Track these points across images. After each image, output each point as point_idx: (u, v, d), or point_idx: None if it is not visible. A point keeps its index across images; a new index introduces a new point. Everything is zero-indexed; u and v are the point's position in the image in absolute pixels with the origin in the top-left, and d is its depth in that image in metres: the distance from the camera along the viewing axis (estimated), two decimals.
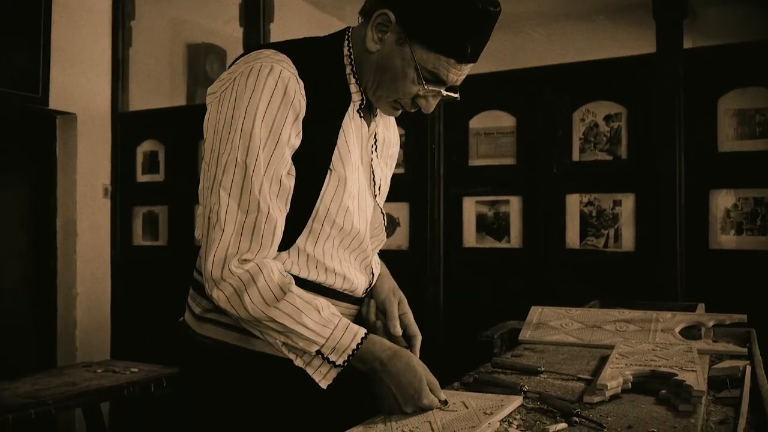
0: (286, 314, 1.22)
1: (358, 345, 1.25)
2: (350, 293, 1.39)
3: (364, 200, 1.36)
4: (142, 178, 4.49)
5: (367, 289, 1.44)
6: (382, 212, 1.46)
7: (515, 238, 3.39)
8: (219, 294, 1.23)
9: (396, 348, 1.28)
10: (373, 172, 1.40)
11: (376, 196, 1.42)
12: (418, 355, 1.38)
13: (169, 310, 4.30)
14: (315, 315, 1.23)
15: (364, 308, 1.44)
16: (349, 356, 1.25)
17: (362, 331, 1.26)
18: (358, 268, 1.40)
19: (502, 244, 3.41)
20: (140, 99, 4.63)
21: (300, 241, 1.30)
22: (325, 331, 1.23)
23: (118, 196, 4.53)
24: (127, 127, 4.53)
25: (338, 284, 1.36)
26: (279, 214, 1.24)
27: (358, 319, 1.44)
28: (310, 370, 1.25)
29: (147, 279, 4.44)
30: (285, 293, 1.22)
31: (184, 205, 4.30)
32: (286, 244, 1.28)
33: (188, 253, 4.25)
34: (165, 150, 4.41)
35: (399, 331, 1.39)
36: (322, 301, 1.26)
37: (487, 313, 3.10)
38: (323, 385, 1.26)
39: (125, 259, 4.53)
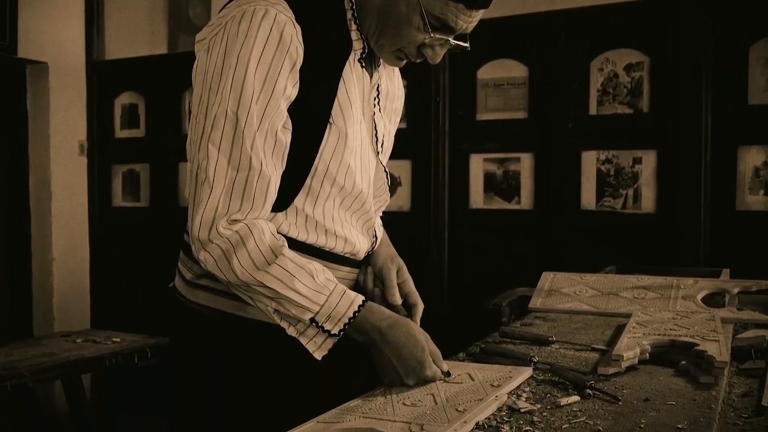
0: (276, 279, 1.21)
1: (354, 313, 1.25)
2: (351, 257, 1.40)
3: (366, 157, 1.36)
4: (120, 133, 4.47)
5: (369, 251, 1.44)
6: (385, 171, 1.45)
7: (526, 198, 3.39)
8: (206, 256, 1.23)
9: (396, 316, 1.28)
10: (375, 127, 1.39)
11: (378, 153, 1.42)
12: (419, 324, 1.39)
13: (153, 276, 4.34)
14: (308, 280, 1.23)
15: (361, 276, 1.44)
16: (345, 325, 1.24)
17: (359, 298, 1.27)
18: (359, 230, 1.40)
19: (512, 206, 3.41)
20: (117, 46, 4.58)
21: (298, 201, 1.29)
22: (320, 297, 1.23)
23: (95, 154, 4.52)
24: (104, 77, 4.49)
25: (339, 247, 1.36)
26: (273, 171, 1.23)
27: (357, 287, 1.45)
28: (303, 340, 1.25)
29: (128, 243, 4.46)
30: (276, 256, 1.22)
31: (167, 162, 4.29)
32: (282, 204, 1.28)
33: (172, 214, 4.26)
34: (145, 102, 4.38)
35: (398, 299, 1.40)
36: (316, 266, 1.26)
37: (495, 280, 3.12)
38: (318, 356, 1.26)
39: (104, 222, 4.54)
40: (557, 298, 2.01)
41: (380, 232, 1.50)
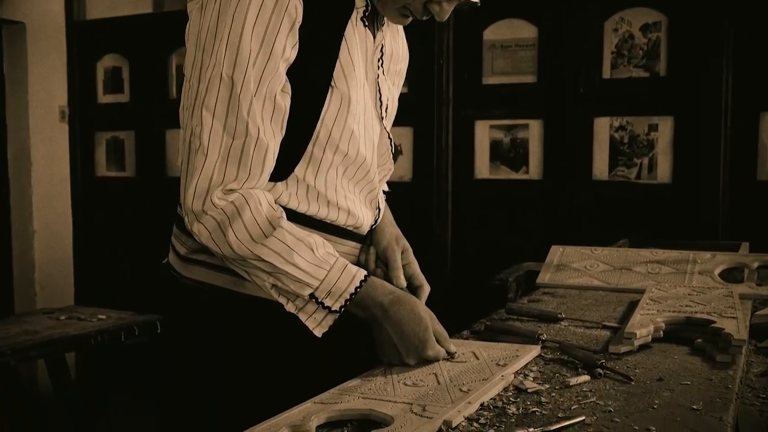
0: (274, 252, 1.21)
1: (356, 288, 1.25)
2: (355, 230, 1.39)
3: (369, 123, 1.35)
4: (104, 98, 4.45)
5: (372, 226, 1.44)
6: (389, 137, 1.45)
7: (535, 168, 3.38)
8: (200, 228, 1.22)
9: (400, 293, 1.29)
10: (379, 90, 1.38)
11: (383, 118, 1.41)
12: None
13: (140, 249, 4.36)
14: (308, 254, 1.23)
15: (362, 255, 1.44)
16: (346, 301, 1.24)
17: (361, 272, 1.27)
18: (363, 202, 1.40)
19: (520, 175, 3.41)
20: (99, 6, 4.54)
21: (299, 170, 1.29)
22: (320, 272, 1.23)
23: (77, 120, 4.50)
24: (85, 38, 4.45)
25: (341, 220, 1.36)
26: (272, 138, 1.23)
27: (358, 266, 1.45)
28: (303, 316, 1.25)
29: (113, 215, 4.46)
30: (274, 228, 1.22)
31: (153, 129, 4.28)
32: (282, 173, 1.28)
33: (160, 184, 4.26)
34: (130, 66, 4.36)
35: (403, 282, 1.39)
36: (316, 239, 1.26)
37: (501, 254, 3.13)
38: (318, 333, 1.25)
39: (88, 193, 4.53)
40: (567, 273, 2.01)
41: (384, 204, 1.49)
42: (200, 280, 1.33)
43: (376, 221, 1.45)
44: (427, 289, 1.41)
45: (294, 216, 1.29)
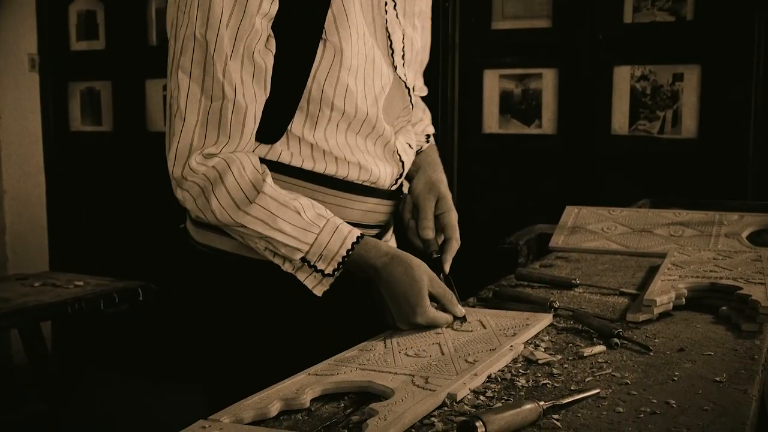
0: (258, 220, 1.25)
1: (348, 251, 1.29)
2: (373, 185, 1.42)
3: (371, 75, 1.36)
4: (77, 45, 4.41)
5: (397, 180, 1.47)
6: (405, 85, 1.45)
7: (548, 121, 3.37)
8: (185, 195, 1.27)
9: (396, 253, 1.31)
10: (390, 37, 1.39)
11: (396, 67, 1.41)
12: (448, 264, 1.41)
13: (119, 210, 4.36)
14: (294, 218, 1.26)
15: (401, 204, 1.49)
16: (339, 264, 1.29)
17: (354, 233, 1.30)
18: (379, 156, 1.42)
19: (532, 130, 3.40)
20: None
21: (296, 128, 1.32)
22: (308, 236, 1.27)
23: (48, 70, 4.47)
24: None
25: (354, 175, 1.38)
26: (252, 100, 1.26)
27: (395, 218, 1.50)
28: (301, 276, 1.31)
29: (89, 173, 4.45)
30: (258, 193, 1.26)
31: (131, 79, 4.25)
32: (275, 133, 1.32)
33: (139, 139, 4.25)
34: (105, 9, 4.31)
35: (430, 233, 1.42)
36: (303, 201, 1.29)
37: (511, 215, 3.13)
38: (317, 292, 1.31)
39: (62, 149, 4.52)
40: (582, 236, 2.02)
41: (409, 156, 1.50)
42: (210, 245, 1.38)
43: (401, 175, 1.48)
44: (455, 244, 1.42)
45: (301, 174, 1.33)
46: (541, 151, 3.35)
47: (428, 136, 1.63)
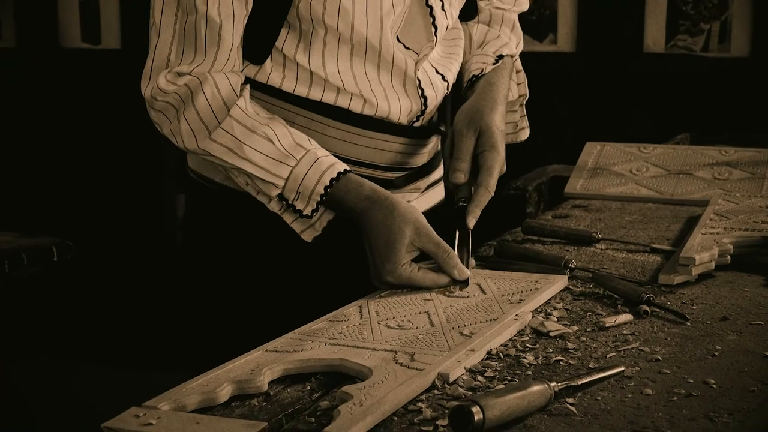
0: (223, 147, 1.34)
1: (326, 188, 1.34)
2: (384, 119, 1.46)
3: None
4: None
5: (419, 116, 1.50)
6: (428, 5, 1.45)
7: (565, 36, 3.36)
8: (159, 117, 1.39)
9: (380, 196, 1.34)
10: None
11: None
12: (473, 217, 1.39)
13: (27, 145, 4.31)
14: (265, 146, 1.33)
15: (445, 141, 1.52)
16: (317, 204, 1.35)
17: (335, 168, 1.34)
18: (393, 89, 1.46)
19: (545, 46, 3.38)
20: None
21: (288, 48, 1.41)
22: (282, 168, 1.33)
23: None
24: None
25: (356, 107, 1.44)
26: (227, 16, 1.35)
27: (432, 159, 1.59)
28: (288, 218, 1.38)
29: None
30: (226, 116, 1.34)
31: None
32: (261, 52, 1.41)
33: (50, 58, 4.19)
34: None
35: (459, 177, 1.41)
36: (278, 128, 1.35)
37: (518, 154, 3.13)
38: (306, 237, 1.38)
39: None
40: (605, 180, 2.03)
41: (438, 90, 1.51)
42: (201, 173, 1.51)
43: (423, 111, 1.51)
44: (484, 193, 1.39)
45: (296, 100, 1.42)
46: (556, 73, 3.34)
47: (500, 56, 1.58)
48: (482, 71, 1.55)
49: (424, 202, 1.59)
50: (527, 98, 1.64)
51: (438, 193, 1.64)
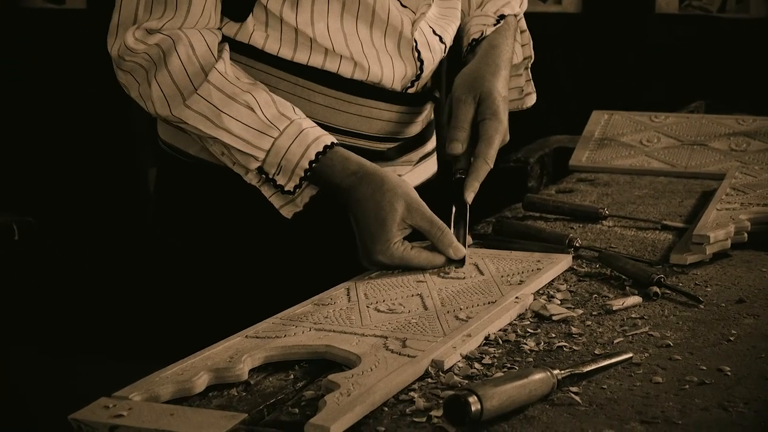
0: (199, 115, 1.32)
1: (311, 162, 1.32)
2: (376, 85, 1.45)
3: None
4: None
5: (414, 81, 1.50)
6: None
7: None
8: (127, 79, 1.36)
9: (369, 171, 1.33)
10: None
11: None
12: (470, 191, 1.38)
13: (10, 110, 4.28)
14: (245, 115, 1.31)
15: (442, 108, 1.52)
16: (301, 179, 1.34)
17: (323, 140, 1.33)
18: (387, 51, 1.45)
19: (548, 7, 3.38)
20: None
21: (273, 4, 1.37)
22: (263, 140, 1.32)
23: None
24: None
25: (346, 71, 1.42)
26: None
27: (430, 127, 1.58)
28: (266, 192, 1.37)
29: None
30: (204, 81, 1.32)
31: None
32: (243, 5, 1.37)
33: (9, 19, 4.17)
34: None
35: (456, 147, 1.41)
36: (261, 96, 1.33)
37: (520, 123, 3.12)
38: (286, 213, 1.37)
39: None
40: (613, 151, 2.03)
41: (435, 52, 1.52)
42: (173, 144, 1.50)
43: (418, 76, 1.50)
44: (482, 165, 1.39)
45: (280, 63, 1.40)
46: (560, 36, 3.34)
47: (502, 16, 1.58)
48: (482, 34, 1.54)
49: (417, 176, 1.59)
50: (533, 60, 1.63)
51: (431, 166, 1.64)
